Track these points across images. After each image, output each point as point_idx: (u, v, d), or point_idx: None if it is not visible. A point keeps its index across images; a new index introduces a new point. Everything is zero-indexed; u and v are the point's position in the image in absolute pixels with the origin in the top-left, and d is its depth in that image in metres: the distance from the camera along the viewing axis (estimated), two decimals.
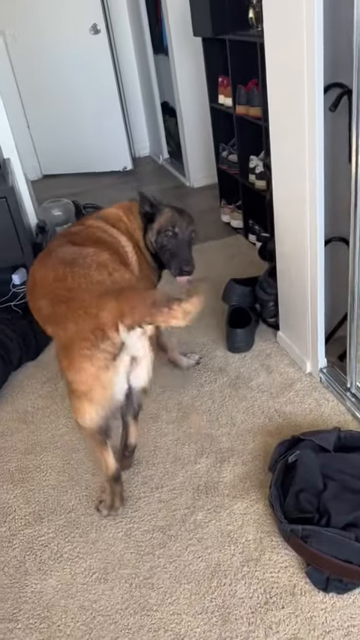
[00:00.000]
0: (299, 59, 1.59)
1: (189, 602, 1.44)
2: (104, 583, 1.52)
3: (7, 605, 1.51)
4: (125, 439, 1.81)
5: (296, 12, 1.54)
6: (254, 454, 1.84)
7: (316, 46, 1.52)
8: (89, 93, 4.88)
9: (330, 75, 1.67)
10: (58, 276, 1.56)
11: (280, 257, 2.13)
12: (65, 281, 1.53)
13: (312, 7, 1.47)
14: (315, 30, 1.50)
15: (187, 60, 3.92)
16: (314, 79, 1.57)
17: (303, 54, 1.57)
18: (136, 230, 1.99)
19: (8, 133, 2.97)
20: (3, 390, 2.34)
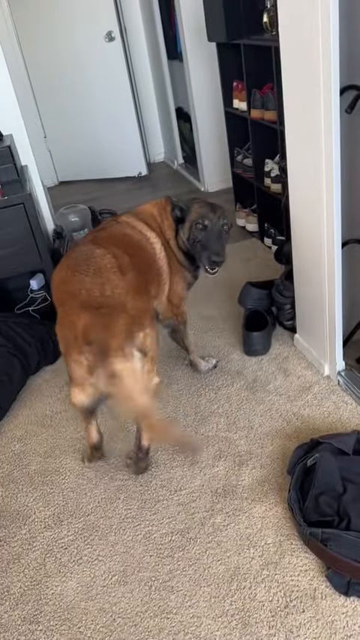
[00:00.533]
0: (315, 62, 1.60)
1: (209, 605, 1.44)
2: (124, 585, 1.53)
3: (28, 606, 1.52)
4: (138, 441, 1.82)
5: (311, 15, 1.54)
6: (272, 457, 1.83)
7: (332, 48, 1.52)
8: (104, 100, 4.92)
9: (346, 77, 1.67)
10: (62, 279, 1.65)
11: (296, 259, 2.13)
12: (66, 284, 1.61)
13: (327, 10, 1.48)
14: (330, 32, 1.50)
15: (201, 65, 3.94)
16: (330, 81, 1.57)
17: (319, 56, 1.57)
18: (167, 228, 2.02)
19: (26, 141, 3.01)
20: (22, 394, 2.37)
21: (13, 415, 2.26)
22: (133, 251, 1.81)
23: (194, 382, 2.26)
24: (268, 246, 3.23)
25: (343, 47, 1.58)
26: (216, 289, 2.93)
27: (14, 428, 2.19)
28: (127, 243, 1.83)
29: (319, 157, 1.73)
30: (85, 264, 1.64)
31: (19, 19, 4.51)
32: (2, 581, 1.60)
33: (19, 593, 1.56)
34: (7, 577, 1.61)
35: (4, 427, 2.20)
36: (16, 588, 1.57)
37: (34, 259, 2.57)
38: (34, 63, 4.85)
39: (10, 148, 2.59)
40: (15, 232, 2.48)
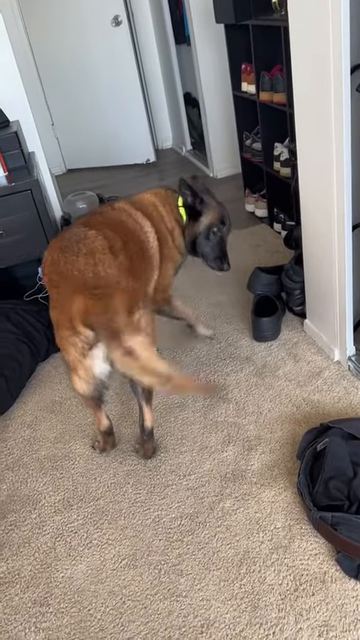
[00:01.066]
0: (325, 40, 1.56)
1: (218, 588, 1.44)
2: (133, 569, 1.53)
3: (38, 589, 1.53)
4: (141, 423, 1.82)
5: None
6: (282, 442, 1.82)
7: (343, 26, 1.49)
8: (111, 86, 4.88)
9: (356, 55, 1.63)
10: (53, 260, 1.61)
11: (306, 244, 2.10)
12: (58, 266, 1.58)
13: None
14: (341, 9, 1.47)
15: (209, 48, 3.89)
16: (340, 60, 1.54)
17: (329, 35, 1.54)
18: (171, 220, 2.01)
19: (33, 127, 2.99)
20: (31, 380, 2.37)
21: (22, 402, 2.27)
22: (126, 237, 1.79)
23: (203, 368, 2.25)
24: (278, 231, 3.20)
25: (354, 25, 1.54)
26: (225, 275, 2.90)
27: (24, 414, 2.20)
28: (120, 229, 1.81)
29: (329, 138, 1.69)
30: (77, 245, 1.62)
31: (26, 4, 4.47)
32: (13, 564, 1.62)
33: (29, 576, 1.57)
34: (18, 560, 1.62)
35: (14, 413, 2.21)
36: (26, 571, 1.59)
37: (41, 246, 2.54)
38: (41, 49, 4.81)
39: (16, 134, 2.58)
40: (22, 219, 2.47)
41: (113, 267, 1.58)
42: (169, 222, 2.01)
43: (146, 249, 1.91)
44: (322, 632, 1.29)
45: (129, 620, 1.41)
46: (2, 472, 1.94)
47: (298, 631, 1.31)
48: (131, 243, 1.80)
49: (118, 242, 1.70)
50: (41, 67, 4.91)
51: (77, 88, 4.95)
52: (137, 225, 1.90)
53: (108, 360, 1.55)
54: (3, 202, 2.42)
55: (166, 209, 2.02)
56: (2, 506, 1.81)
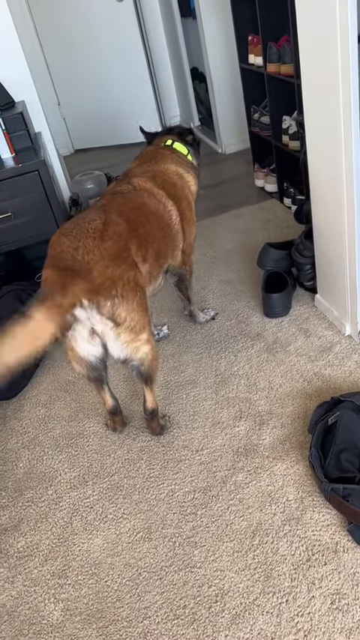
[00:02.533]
0: (332, 8, 1.52)
1: (232, 559, 1.47)
2: (148, 542, 1.57)
3: (57, 562, 1.57)
4: (144, 403, 1.85)
5: None
6: (293, 417, 1.83)
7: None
8: (117, 63, 4.82)
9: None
10: (53, 240, 1.64)
11: (316, 218, 2.08)
12: (52, 246, 1.61)
13: None
14: None
15: (215, 21, 3.81)
16: (347, 27, 1.50)
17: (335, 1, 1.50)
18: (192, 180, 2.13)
19: (38, 107, 2.98)
20: (44, 360, 2.40)
21: (37, 382, 2.30)
22: (145, 219, 1.78)
23: (214, 345, 2.26)
24: (288, 206, 3.16)
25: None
26: (235, 252, 2.90)
27: (38, 394, 2.23)
28: (140, 212, 1.79)
29: (337, 108, 1.66)
30: (72, 227, 1.63)
31: None
32: (32, 538, 1.66)
33: (47, 550, 1.61)
34: (36, 535, 1.67)
35: (28, 393, 2.24)
36: (44, 545, 1.63)
37: (50, 227, 2.56)
38: (45, 28, 4.74)
39: (22, 114, 2.57)
40: (31, 200, 2.47)
41: (94, 252, 1.54)
42: (192, 185, 2.13)
43: (170, 226, 1.95)
44: (335, 600, 1.32)
45: (145, 591, 1.44)
46: (19, 450, 1.98)
47: (311, 599, 1.33)
48: (148, 225, 1.79)
49: (119, 226, 1.65)
50: (46, 46, 4.85)
51: (83, 67, 4.89)
52: (160, 205, 1.91)
53: (94, 342, 1.58)
54: (10, 184, 2.42)
55: (186, 169, 2.13)
56: (19, 483, 1.85)
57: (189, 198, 2.08)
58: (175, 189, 2.00)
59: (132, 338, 1.61)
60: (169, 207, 1.94)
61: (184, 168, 2.11)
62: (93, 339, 1.58)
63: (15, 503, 1.78)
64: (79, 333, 1.55)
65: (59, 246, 1.57)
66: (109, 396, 1.88)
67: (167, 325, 2.41)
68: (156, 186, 1.94)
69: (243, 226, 3.15)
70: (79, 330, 1.54)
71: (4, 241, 2.54)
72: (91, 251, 1.53)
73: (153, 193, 1.91)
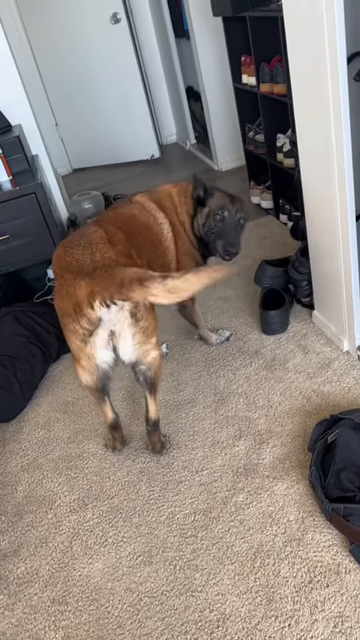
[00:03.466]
0: (319, 30, 1.55)
1: (233, 582, 1.45)
2: (149, 566, 1.55)
3: (56, 588, 1.56)
4: (146, 414, 1.84)
5: None
6: (293, 435, 1.83)
7: (336, 13, 1.47)
8: (113, 84, 4.88)
9: (353, 44, 1.62)
10: (57, 255, 1.70)
11: (311, 235, 2.09)
12: (60, 260, 1.66)
13: None
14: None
15: (208, 42, 3.87)
16: (336, 50, 1.52)
17: (323, 24, 1.52)
18: (183, 212, 2.05)
19: (35, 131, 3.01)
20: (44, 382, 2.40)
21: (35, 403, 2.29)
22: (135, 230, 1.84)
23: (212, 363, 2.26)
24: (284, 222, 3.18)
25: (348, 13, 1.52)
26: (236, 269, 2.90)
27: (37, 415, 2.22)
28: (130, 223, 1.86)
29: (328, 127, 1.68)
30: (77, 240, 1.69)
31: (25, 6, 4.47)
32: (32, 564, 1.64)
33: (47, 576, 1.60)
34: (36, 560, 1.65)
35: (27, 415, 2.24)
36: (44, 571, 1.61)
37: (48, 248, 2.58)
38: (42, 51, 4.81)
39: (19, 138, 2.59)
40: (28, 222, 2.49)
41: (110, 252, 1.63)
42: (180, 215, 2.06)
43: (159, 241, 1.97)
44: (337, 623, 1.30)
45: (146, 617, 1.43)
46: (18, 474, 1.97)
47: (314, 622, 1.32)
48: (140, 236, 1.85)
49: (119, 235, 1.74)
50: (43, 69, 4.92)
51: (79, 88, 4.95)
52: (150, 217, 1.96)
53: (108, 347, 1.61)
54: (8, 206, 2.45)
55: (181, 200, 2.06)
56: (19, 507, 1.84)
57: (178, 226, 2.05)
58: (165, 203, 2.03)
59: (144, 340, 1.65)
60: (160, 220, 1.97)
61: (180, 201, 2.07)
62: (109, 345, 1.61)
63: (15, 527, 1.77)
64: (100, 337, 1.58)
65: (70, 256, 1.63)
66: (110, 410, 1.87)
67: (166, 344, 2.41)
68: (150, 200, 2.00)
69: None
70: (100, 333, 1.57)
71: (3, 263, 2.55)
72: (108, 252, 1.62)
73: (144, 206, 1.97)
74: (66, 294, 1.56)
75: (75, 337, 1.60)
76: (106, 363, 1.66)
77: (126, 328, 1.59)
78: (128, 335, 1.61)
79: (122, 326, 1.58)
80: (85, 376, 1.70)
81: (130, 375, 2.18)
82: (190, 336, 2.44)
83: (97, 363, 1.65)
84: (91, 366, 1.66)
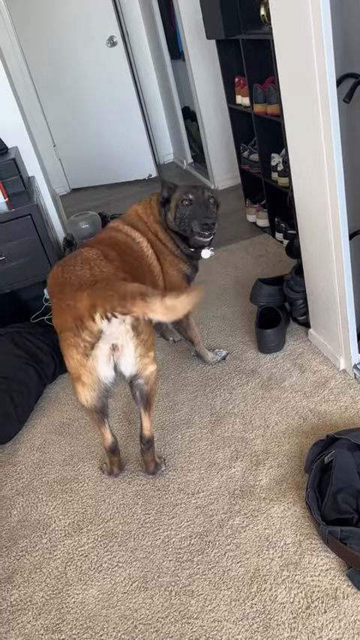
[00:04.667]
0: (308, 52, 1.57)
1: (229, 608, 1.43)
2: (144, 592, 1.52)
3: (50, 615, 1.53)
4: (140, 432, 1.83)
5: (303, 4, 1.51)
6: (289, 456, 1.81)
7: (325, 36, 1.49)
8: (110, 105, 4.94)
9: (342, 66, 1.64)
10: (53, 276, 1.72)
11: (305, 253, 2.10)
12: (57, 279, 1.68)
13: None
14: (322, 20, 1.47)
15: (203, 63, 3.92)
16: (325, 71, 1.54)
17: (312, 46, 1.54)
18: (152, 223, 2.11)
19: (31, 152, 3.04)
20: (39, 403, 2.39)
21: (31, 425, 2.28)
22: (120, 250, 1.89)
23: (209, 383, 2.24)
24: (280, 240, 3.19)
25: (337, 35, 1.54)
26: (228, 287, 2.91)
27: (33, 437, 2.21)
28: (113, 244, 1.92)
29: (319, 147, 1.70)
30: (74, 259, 1.73)
31: (22, 31, 4.54)
32: (25, 591, 1.62)
33: (41, 603, 1.57)
34: (30, 586, 1.62)
35: (23, 437, 2.22)
36: (38, 597, 1.59)
37: (44, 269, 2.58)
38: (39, 73, 4.89)
39: (15, 160, 2.62)
40: (24, 243, 2.50)
41: (108, 267, 1.68)
42: (152, 227, 2.10)
43: (142, 258, 2.02)
44: None
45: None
46: (13, 497, 1.95)
47: None
48: (126, 255, 1.90)
49: (112, 253, 1.80)
50: (41, 91, 4.99)
51: (77, 109, 5.02)
52: (128, 238, 2.02)
53: (109, 363, 1.61)
54: (4, 228, 2.46)
55: (147, 212, 2.12)
56: (13, 531, 1.82)
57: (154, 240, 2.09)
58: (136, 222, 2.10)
59: (144, 352, 1.66)
60: (137, 240, 2.03)
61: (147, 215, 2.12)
62: (110, 359, 1.61)
63: (9, 553, 1.75)
64: (101, 350, 1.57)
65: (68, 273, 1.65)
66: (109, 433, 1.84)
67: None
68: (123, 223, 2.08)
69: (236, 261, 3.17)
70: (102, 347, 1.57)
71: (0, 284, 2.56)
72: (106, 267, 1.67)
73: (120, 229, 2.06)
74: (66, 308, 1.55)
75: (76, 351, 1.57)
76: (107, 378, 1.64)
77: (128, 341, 1.60)
78: (130, 347, 1.61)
79: (124, 339, 1.59)
80: (85, 394, 1.67)
81: (125, 395, 2.17)
82: (186, 356, 2.43)
83: (99, 377, 1.63)
84: (93, 382, 1.63)
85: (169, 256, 2.10)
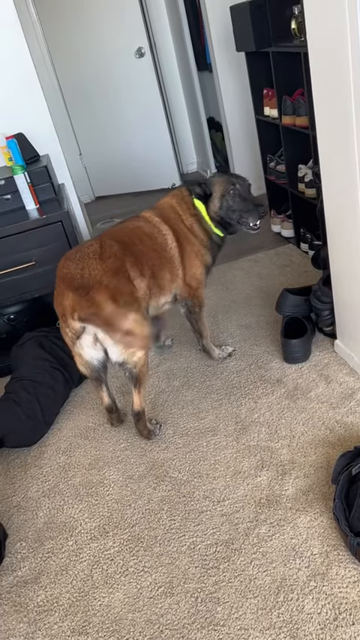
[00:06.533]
0: (344, 66, 1.58)
1: (256, 617, 1.43)
2: (170, 597, 1.53)
3: (77, 617, 1.54)
4: (132, 405, 2.07)
5: (339, 19, 1.53)
6: (316, 466, 1.81)
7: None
8: (136, 115, 5.00)
9: None
10: (59, 266, 1.94)
11: (333, 265, 2.10)
12: (60, 270, 1.91)
13: (355, 12, 1.47)
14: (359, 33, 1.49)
15: (230, 75, 3.96)
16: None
17: (348, 60, 1.56)
18: (188, 216, 2.23)
19: (62, 161, 3.09)
20: (65, 406, 2.42)
21: (57, 428, 2.31)
22: (138, 240, 2.06)
23: (234, 391, 2.25)
24: (305, 251, 3.20)
25: None
26: (253, 297, 2.92)
27: (59, 441, 2.23)
28: (133, 234, 2.08)
29: (352, 160, 1.71)
30: (75, 253, 1.94)
31: (53, 42, 4.64)
32: (52, 592, 1.63)
33: (67, 604, 1.58)
34: (57, 588, 1.64)
35: (49, 440, 2.25)
36: (64, 599, 1.60)
37: None
38: (67, 83, 4.98)
39: (46, 167, 2.67)
40: (54, 249, 2.54)
41: (97, 269, 1.85)
42: (186, 220, 2.23)
43: (164, 250, 2.16)
44: None
45: None
46: (39, 499, 1.97)
47: None
48: (142, 245, 2.07)
49: (113, 248, 1.95)
50: (69, 100, 5.08)
51: (103, 119, 5.09)
52: (155, 230, 2.14)
53: (96, 348, 1.88)
54: (35, 234, 2.51)
55: (183, 207, 2.24)
56: (40, 533, 1.84)
57: (185, 232, 2.21)
58: (168, 214, 2.21)
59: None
60: (163, 232, 2.14)
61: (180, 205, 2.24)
62: (96, 345, 1.88)
63: (35, 554, 1.77)
64: (85, 340, 1.87)
65: (66, 268, 1.88)
66: (107, 395, 2.16)
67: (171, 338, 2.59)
68: (155, 215, 2.21)
69: (260, 271, 3.18)
70: (85, 337, 1.86)
71: (29, 289, 2.60)
72: (95, 269, 1.85)
73: (149, 220, 2.19)
74: (59, 302, 1.86)
75: (66, 337, 1.93)
76: (95, 359, 1.94)
77: (107, 338, 1.84)
78: (110, 343, 1.86)
79: (104, 336, 1.83)
80: (80, 367, 2.01)
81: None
82: (211, 363, 2.45)
83: (86, 360, 1.94)
84: (83, 362, 1.97)
85: (197, 246, 2.23)
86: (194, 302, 2.31)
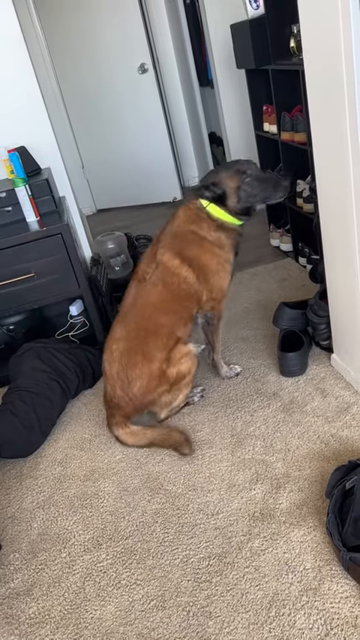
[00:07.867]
0: (339, 82, 1.61)
1: (247, 632, 1.42)
2: (162, 610, 1.53)
3: (68, 630, 1.54)
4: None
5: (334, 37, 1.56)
6: (310, 480, 1.81)
7: (355, 69, 1.54)
8: (138, 129, 5.06)
9: None
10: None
11: (330, 279, 2.12)
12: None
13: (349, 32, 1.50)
14: (353, 54, 1.52)
15: (231, 91, 4.02)
16: (355, 102, 1.58)
17: (342, 77, 1.59)
18: (210, 231, 2.08)
19: (63, 173, 3.13)
20: (62, 417, 2.42)
21: (53, 439, 2.31)
22: (158, 313, 2.11)
23: (230, 404, 2.26)
24: (303, 265, 3.22)
25: None
26: (251, 310, 2.93)
27: (54, 452, 2.23)
28: (152, 311, 2.11)
29: (347, 176, 1.73)
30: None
31: (57, 57, 4.71)
32: (44, 604, 1.63)
33: (59, 617, 1.58)
34: (49, 600, 1.64)
35: (45, 451, 2.25)
36: (56, 612, 1.60)
37: (72, 286, 2.65)
38: (71, 97, 5.05)
39: (47, 180, 2.70)
40: (54, 261, 2.56)
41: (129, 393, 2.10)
42: (210, 236, 2.08)
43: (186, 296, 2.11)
44: None
45: None
46: (33, 510, 1.97)
47: None
48: (159, 314, 2.10)
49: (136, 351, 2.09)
50: (72, 115, 5.15)
51: (106, 133, 5.15)
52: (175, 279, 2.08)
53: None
54: (35, 246, 2.53)
55: (202, 226, 2.08)
56: (34, 544, 1.84)
57: (208, 252, 2.09)
58: (190, 249, 2.10)
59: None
60: (184, 274, 2.07)
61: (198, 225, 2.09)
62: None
63: (28, 565, 1.77)
64: None
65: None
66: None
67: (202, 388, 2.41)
68: (173, 256, 2.08)
69: (259, 285, 3.20)
70: None
71: (28, 300, 2.62)
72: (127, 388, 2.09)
73: (169, 269, 2.07)
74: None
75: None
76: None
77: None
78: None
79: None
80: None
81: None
82: (207, 377, 2.45)
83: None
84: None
85: (223, 256, 2.11)
86: (214, 314, 2.26)
